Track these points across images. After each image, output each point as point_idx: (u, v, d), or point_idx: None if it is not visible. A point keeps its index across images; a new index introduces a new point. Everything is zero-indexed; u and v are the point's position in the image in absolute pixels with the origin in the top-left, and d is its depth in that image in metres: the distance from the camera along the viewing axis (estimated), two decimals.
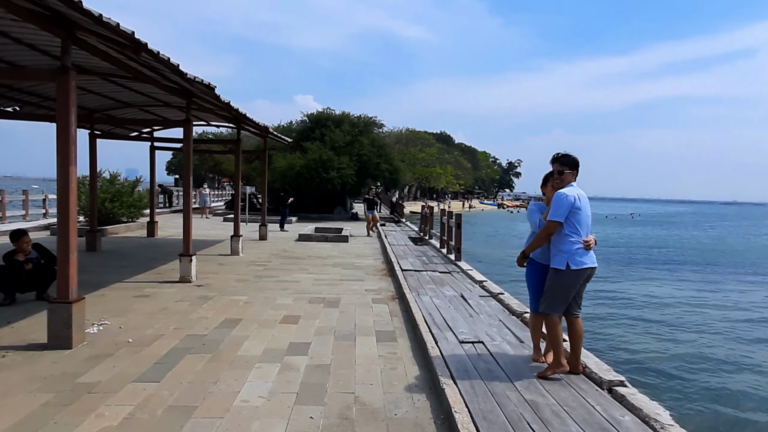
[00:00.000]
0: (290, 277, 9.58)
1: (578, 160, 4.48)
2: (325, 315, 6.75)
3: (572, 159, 4.46)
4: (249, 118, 11.43)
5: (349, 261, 11.89)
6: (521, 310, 6.50)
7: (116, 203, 16.50)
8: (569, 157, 4.47)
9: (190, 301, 7.26)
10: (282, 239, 16.22)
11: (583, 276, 4.29)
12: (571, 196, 4.26)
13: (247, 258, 11.85)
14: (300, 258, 12.13)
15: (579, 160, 4.48)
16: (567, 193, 4.27)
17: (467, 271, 9.63)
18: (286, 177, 24.52)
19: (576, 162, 4.46)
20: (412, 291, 7.88)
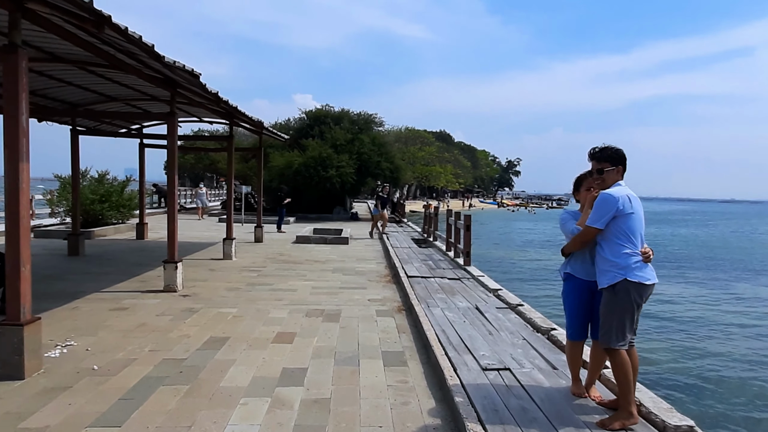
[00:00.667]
0: (286, 284, 8.79)
1: (622, 152, 3.66)
2: (324, 331, 5.97)
3: (613, 153, 3.65)
4: (242, 113, 10.63)
5: (350, 266, 11.11)
6: (546, 326, 5.72)
7: (105, 204, 15.69)
8: (608, 151, 3.66)
9: (173, 315, 6.46)
10: (279, 241, 15.44)
11: (645, 294, 3.51)
12: (618, 197, 3.47)
13: (241, 263, 11.06)
14: (297, 262, 11.34)
15: (623, 153, 3.67)
16: (613, 194, 3.49)
17: (479, 278, 8.85)
18: (283, 176, 23.71)
19: (619, 155, 3.65)
20: (421, 302, 7.10)
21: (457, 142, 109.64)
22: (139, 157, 14.50)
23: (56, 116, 10.92)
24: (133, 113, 11.09)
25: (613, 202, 3.45)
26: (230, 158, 11.51)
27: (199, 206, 24.06)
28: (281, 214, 18.45)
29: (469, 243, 10.01)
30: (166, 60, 5.51)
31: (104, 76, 9.24)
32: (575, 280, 3.86)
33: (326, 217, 25.91)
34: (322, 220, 25.16)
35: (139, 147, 14.45)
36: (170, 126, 7.76)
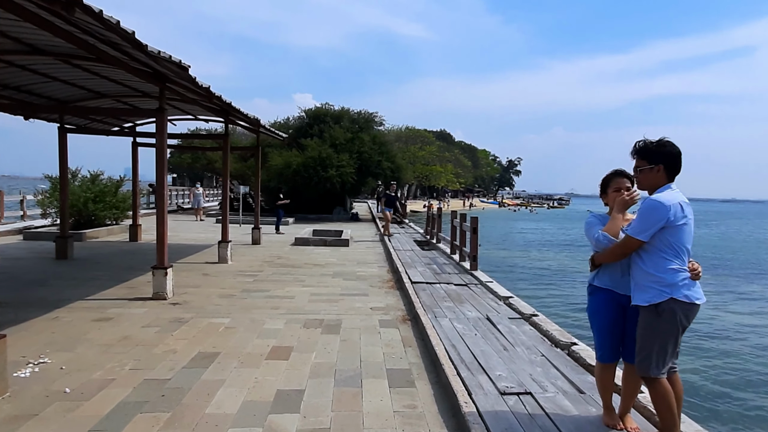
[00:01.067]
0: (283, 291, 8.31)
1: (668, 148, 3.09)
2: (324, 345, 5.49)
3: (653, 148, 3.10)
4: (237, 110, 10.16)
5: (351, 270, 10.63)
6: (565, 339, 5.24)
7: (99, 204, 15.21)
8: (649, 145, 3.12)
9: (160, 327, 5.99)
10: (277, 243, 14.95)
11: (692, 315, 3.03)
12: (668, 205, 2.97)
13: (237, 266, 10.58)
14: (295, 266, 10.86)
15: (671, 149, 3.09)
16: (663, 201, 2.99)
17: (487, 284, 8.37)
18: (282, 175, 23.24)
19: (660, 152, 3.09)
20: (427, 311, 6.62)
21: (458, 142, 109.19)
22: (132, 157, 14.03)
23: (42, 113, 10.44)
24: (120, 109, 10.60)
25: (662, 211, 2.96)
26: (226, 157, 11.03)
27: (195, 207, 23.43)
28: (279, 215, 17.99)
29: (476, 246, 9.53)
30: (150, 49, 5.03)
31: (91, 71, 8.77)
32: (604, 293, 3.38)
33: (326, 218, 25.43)
34: (322, 220, 24.69)
35: (132, 146, 13.97)
36: (159, 123, 7.28)
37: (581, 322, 12.31)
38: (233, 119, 11.17)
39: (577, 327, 11.21)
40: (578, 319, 12.77)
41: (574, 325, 11.52)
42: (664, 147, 3.11)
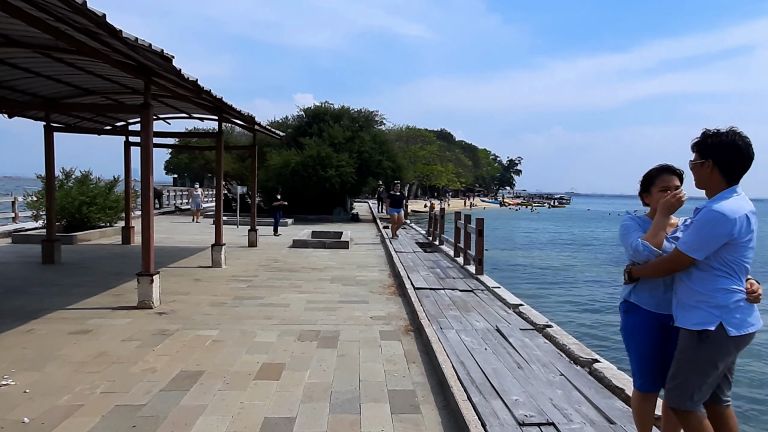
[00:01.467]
0: (278, 298, 7.83)
1: (730, 140, 2.53)
2: (319, 362, 5.01)
3: (711, 138, 2.56)
4: (230, 107, 9.69)
5: (350, 274, 10.15)
6: (585, 356, 4.75)
7: (92, 207, 14.73)
8: (703, 137, 2.60)
9: (141, 341, 5.51)
10: (274, 245, 14.47)
11: (743, 344, 2.55)
12: (734, 218, 2.44)
13: (231, 271, 10.10)
14: (292, 270, 10.38)
15: (735, 142, 2.52)
16: (727, 213, 2.44)
17: (494, 290, 7.88)
18: (280, 175, 22.75)
19: (721, 145, 2.53)
20: (432, 321, 6.14)
21: (458, 141, 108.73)
22: (124, 157, 13.55)
23: (27, 110, 9.98)
24: (103, 105, 10.07)
25: (725, 226, 2.44)
26: (219, 156, 10.55)
27: (193, 208, 22.76)
28: (277, 217, 17.48)
29: (481, 250, 9.04)
30: (125, 35, 4.55)
31: (75, 66, 8.31)
32: (641, 312, 2.89)
33: (326, 219, 24.95)
34: (322, 221, 24.20)
35: (124, 145, 13.51)
36: (144, 119, 6.79)
37: (597, 330, 11.84)
38: (227, 116, 10.69)
39: (593, 337, 10.73)
40: (593, 326, 12.28)
41: (590, 335, 11.03)
42: (716, 137, 2.58)
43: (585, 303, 15.41)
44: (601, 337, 11.15)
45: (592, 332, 11.54)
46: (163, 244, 13.88)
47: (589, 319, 13.38)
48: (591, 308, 14.55)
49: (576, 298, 16.23)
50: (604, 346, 10.42)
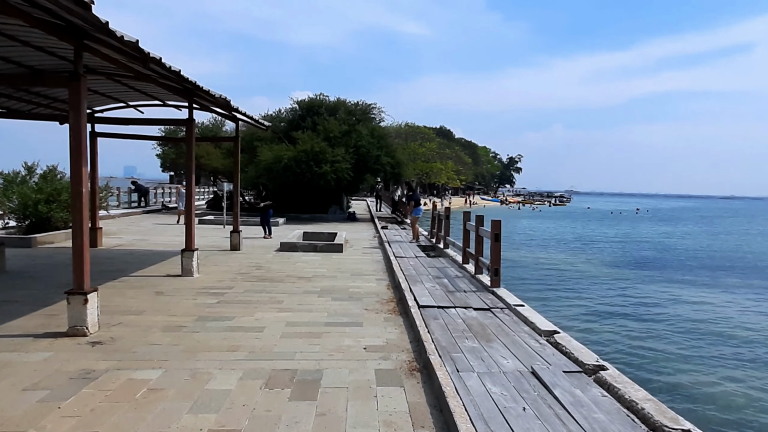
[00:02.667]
0: (251, 318, 6.36)
1: None
2: (289, 425, 3.55)
3: None
4: (201, 88, 8.20)
5: (343, 284, 8.68)
6: (672, 424, 3.29)
7: (53, 204, 13.24)
8: None
9: (50, 389, 4.04)
10: (260, 248, 12.99)
11: None
12: None
13: (202, 281, 8.63)
14: (275, 280, 8.91)
15: None
16: None
17: (516, 308, 6.42)
18: (272, 171, 21.27)
19: None
20: (444, 357, 4.68)
21: (458, 138, 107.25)
22: (90, 150, 12.02)
23: None
24: (18, 76, 8.27)
25: None
26: (190, 147, 9.05)
27: (181, 207, 20.64)
28: (266, 218, 15.83)
29: (498, 258, 7.57)
30: None
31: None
32: None
33: (320, 218, 23.47)
34: (316, 220, 22.72)
35: (90, 137, 11.98)
36: (72, 94, 5.30)
37: (638, 356, 10.38)
38: (200, 101, 9.20)
39: (641, 368, 9.23)
40: (631, 347, 10.84)
41: (638, 365, 9.55)
42: None
43: (613, 316, 13.99)
44: (647, 367, 9.72)
45: (638, 360, 10.11)
46: (134, 248, 12.41)
47: (622, 335, 11.96)
48: (625, 321, 13.14)
49: (601, 308, 14.81)
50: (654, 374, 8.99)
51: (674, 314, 14.44)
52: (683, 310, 15.01)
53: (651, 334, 12.29)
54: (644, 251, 29.78)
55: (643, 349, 11.10)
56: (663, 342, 11.72)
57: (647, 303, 15.81)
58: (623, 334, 12.25)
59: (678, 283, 19.27)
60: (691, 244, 35.12)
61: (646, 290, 17.82)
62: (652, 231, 46.41)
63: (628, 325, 13.18)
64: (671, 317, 14.11)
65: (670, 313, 14.61)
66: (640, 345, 11.35)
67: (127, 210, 23.90)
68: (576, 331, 11.93)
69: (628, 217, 70.84)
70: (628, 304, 15.70)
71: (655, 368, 9.92)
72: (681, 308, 15.22)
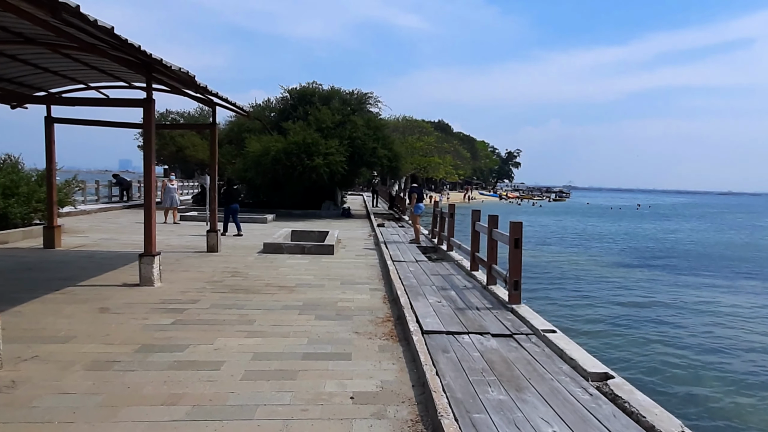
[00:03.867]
0: (209, 348, 4.98)
1: None
2: None
3: None
4: (162, 62, 6.81)
5: (331, 296, 7.31)
6: None
7: (12, 199, 11.82)
8: None
9: None
10: (241, 249, 11.60)
11: None
12: None
13: (163, 292, 7.25)
14: (251, 291, 7.53)
15: None
16: None
17: (546, 335, 5.06)
18: (260, 164, 19.83)
19: None
20: (462, 420, 3.32)
21: (456, 133, 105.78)
22: (46, 137, 10.57)
23: None
24: None
25: None
26: (149, 134, 7.60)
27: (166, 205, 17.61)
28: (232, 213, 14.36)
29: (519, 268, 6.18)
30: None
31: None
32: None
33: (313, 214, 22.07)
34: (308, 217, 21.33)
35: (45, 122, 10.55)
36: None
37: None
38: (159, 77, 7.76)
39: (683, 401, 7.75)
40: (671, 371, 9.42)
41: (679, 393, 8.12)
42: None
43: (637, 324, 12.67)
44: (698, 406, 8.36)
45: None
46: (98, 249, 11.00)
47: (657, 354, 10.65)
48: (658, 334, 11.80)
49: (623, 316, 13.49)
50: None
51: (703, 321, 13.13)
52: (712, 317, 13.70)
53: (680, 345, 10.98)
54: (656, 250, 28.50)
55: (676, 366, 9.78)
56: (698, 355, 10.40)
57: (671, 306, 14.51)
58: (647, 346, 10.95)
59: (702, 287, 17.97)
60: (702, 242, 33.87)
61: (665, 292, 16.51)
62: (659, 228, 45.16)
63: (650, 334, 11.87)
64: (698, 324, 12.81)
65: (697, 320, 13.30)
66: (671, 361, 10.03)
67: (107, 205, 22.46)
68: (597, 339, 10.62)
69: (630, 213, 69.68)
70: (650, 307, 14.39)
71: (699, 393, 8.61)
72: (709, 315, 13.91)
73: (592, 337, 11.02)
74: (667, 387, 8.57)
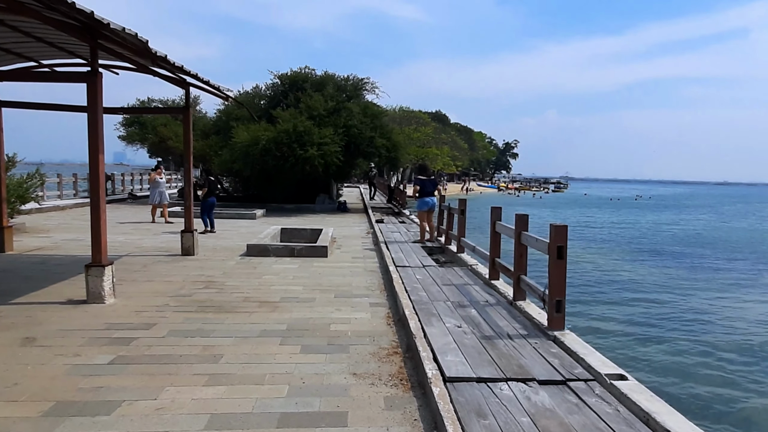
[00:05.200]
0: (150, 406, 3.59)
1: None
2: None
3: None
4: (110, 27, 5.36)
5: (322, 316, 5.92)
6: None
7: None
8: None
9: None
10: (222, 251, 10.20)
11: None
12: None
13: (112, 312, 5.84)
14: (225, 309, 6.13)
15: None
16: None
17: (614, 384, 3.68)
18: (248, 155, 18.35)
19: None
20: None
21: (454, 123, 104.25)
22: None
23: None
24: None
25: None
26: (94, 116, 6.11)
27: (155, 201, 15.41)
28: (207, 208, 12.95)
29: (563, 285, 4.80)
30: None
31: None
32: None
33: (307, 209, 20.66)
34: (302, 212, 19.93)
35: None
36: None
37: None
38: (106, 46, 6.29)
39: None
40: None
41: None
42: None
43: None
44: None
45: None
46: (56, 252, 9.57)
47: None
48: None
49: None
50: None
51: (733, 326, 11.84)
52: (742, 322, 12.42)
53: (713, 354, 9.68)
54: (671, 243, 27.19)
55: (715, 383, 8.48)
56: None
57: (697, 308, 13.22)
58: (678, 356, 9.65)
59: (731, 286, 16.69)
60: (714, 235, 32.61)
61: (693, 293, 15.22)
62: (664, 219, 43.93)
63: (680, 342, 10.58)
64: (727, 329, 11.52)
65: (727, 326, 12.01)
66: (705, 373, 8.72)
67: (85, 200, 20.94)
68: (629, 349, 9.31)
69: (631, 204, 68.55)
70: (670, 305, 13.10)
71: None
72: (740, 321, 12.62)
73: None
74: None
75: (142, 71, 8.72)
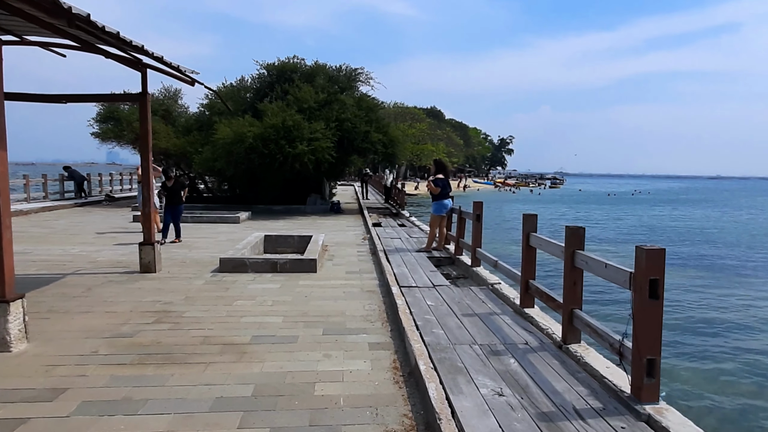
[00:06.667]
0: None
1: None
2: None
3: None
4: None
5: (303, 370, 4.33)
6: None
7: None
8: None
9: None
10: (191, 267, 8.57)
11: None
12: None
13: (16, 367, 4.23)
14: (172, 358, 4.51)
15: None
16: None
17: None
18: (232, 153, 16.69)
19: None
20: None
21: (449, 119, 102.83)
22: None
23: None
24: None
25: None
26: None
27: (137, 204, 14.02)
28: (174, 215, 11.32)
29: (657, 340, 3.24)
30: None
31: None
32: None
33: (297, 210, 19.03)
34: (291, 213, 18.28)
35: None
36: None
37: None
38: (17, 6, 4.64)
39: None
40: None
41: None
42: None
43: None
44: None
45: None
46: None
47: None
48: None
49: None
50: None
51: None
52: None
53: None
54: (687, 243, 25.73)
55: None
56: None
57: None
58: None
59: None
60: (725, 230, 31.21)
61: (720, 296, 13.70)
62: (668, 215, 42.54)
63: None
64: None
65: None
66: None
67: (55, 202, 19.23)
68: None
69: (631, 200, 67.21)
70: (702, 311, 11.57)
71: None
72: None
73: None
74: None
75: (88, 50, 7.12)
